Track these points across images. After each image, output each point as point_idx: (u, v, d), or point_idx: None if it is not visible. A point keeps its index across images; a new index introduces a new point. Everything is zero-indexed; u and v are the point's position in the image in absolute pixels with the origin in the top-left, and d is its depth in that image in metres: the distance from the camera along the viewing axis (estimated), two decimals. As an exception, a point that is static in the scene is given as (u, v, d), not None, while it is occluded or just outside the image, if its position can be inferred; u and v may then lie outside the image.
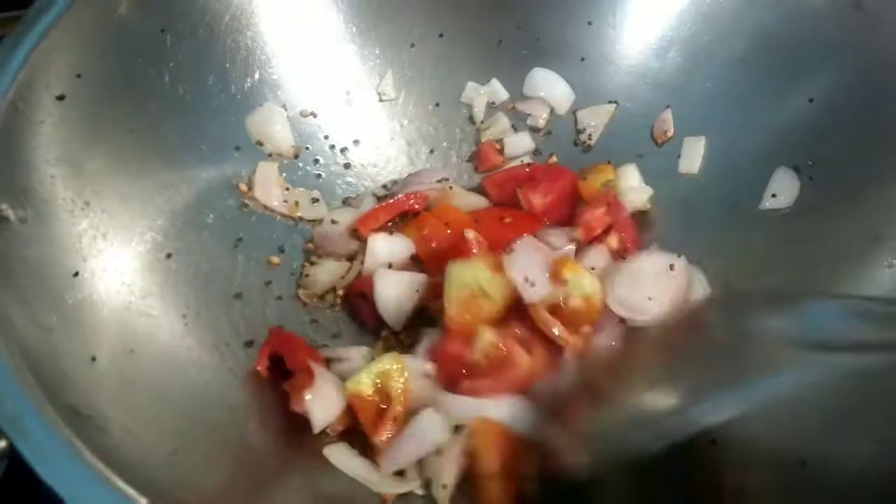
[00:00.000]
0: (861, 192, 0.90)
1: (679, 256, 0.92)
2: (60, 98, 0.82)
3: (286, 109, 1.06)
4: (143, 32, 0.92)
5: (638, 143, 1.08)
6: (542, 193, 1.03)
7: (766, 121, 0.99)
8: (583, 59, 1.11)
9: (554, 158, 1.12)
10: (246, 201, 1.00)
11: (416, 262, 0.99)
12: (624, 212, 1.00)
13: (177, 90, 0.95)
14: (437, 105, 1.14)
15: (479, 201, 1.07)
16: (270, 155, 1.04)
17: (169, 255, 0.89)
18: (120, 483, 0.60)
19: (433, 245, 0.99)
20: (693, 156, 1.04)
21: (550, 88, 1.13)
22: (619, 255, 0.97)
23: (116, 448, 0.65)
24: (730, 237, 0.97)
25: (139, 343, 0.79)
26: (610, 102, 1.11)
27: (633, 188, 1.04)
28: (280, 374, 0.86)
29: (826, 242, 0.90)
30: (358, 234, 1.02)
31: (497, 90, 1.15)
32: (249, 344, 0.89)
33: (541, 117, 1.13)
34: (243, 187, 1.01)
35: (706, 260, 0.96)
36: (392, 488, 0.80)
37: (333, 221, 1.04)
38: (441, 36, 1.13)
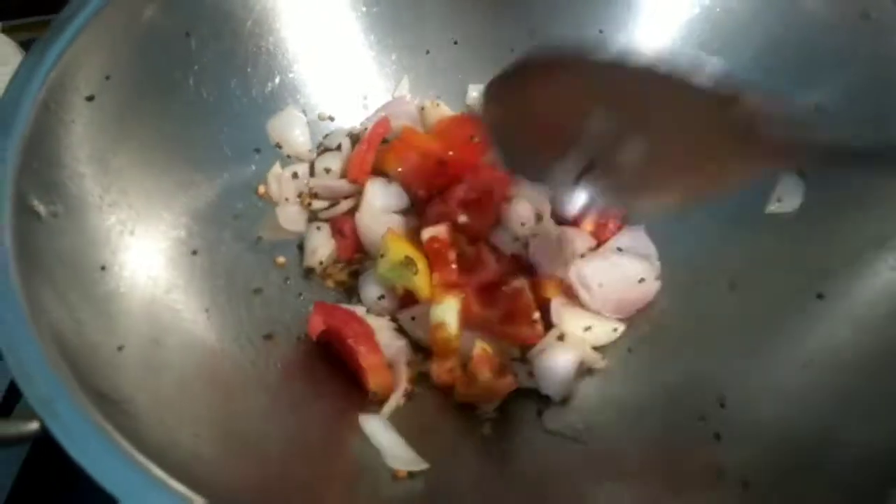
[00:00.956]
0: (865, 196, 0.90)
1: (656, 278, 0.98)
2: (90, 99, 0.85)
3: (305, 114, 1.09)
4: (168, 36, 0.95)
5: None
6: None
7: (772, 126, 1.01)
8: (594, 66, 1.13)
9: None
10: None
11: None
12: None
13: (201, 93, 0.98)
14: (452, 110, 1.17)
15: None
16: (288, 157, 1.07)
17: (194, 252, 0.92)
18: (144, 460, 0.63)
19: (412, 175, 1.04)
20: (701, 161, 1.06)
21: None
22: (600, 231, 1.03)
23: (141, 430, 0.68)
24: (734, 241, 0.98)
25: (164, 334, 0.82)
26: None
27: None
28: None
29: (830, 245, 0.91)
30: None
31: None
32: (269, 337, 0.91)
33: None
34: (262, 189, 1.04)
35: (710, 264, 0.98)
36: (408, 465, 0.82)
37: (327, 170, 1.07)
38: (455, 43, 1.15)
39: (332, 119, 1.11)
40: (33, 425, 0.64)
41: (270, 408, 0.85)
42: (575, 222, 1.03)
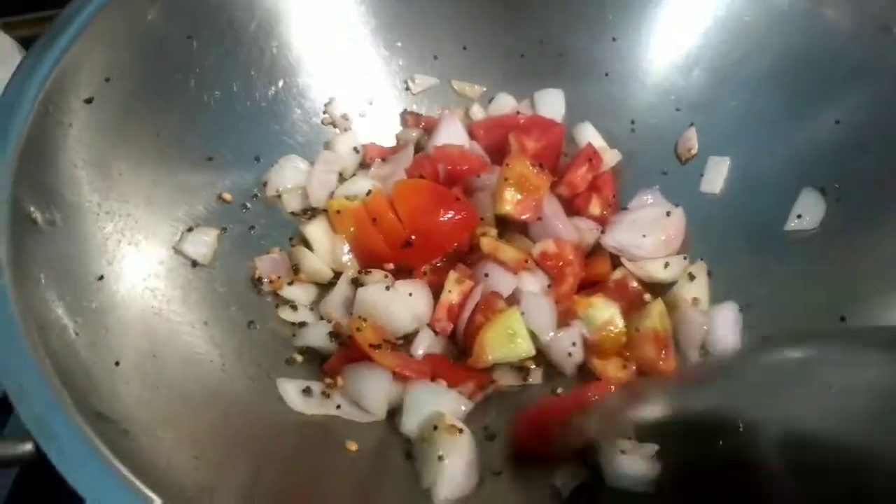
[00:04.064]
0: (888, 214, 0.89)
1: (676, 206, 1.00)
2: (89, 101, 0.83)
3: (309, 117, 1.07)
4: (170, 38, 0.92)
5: (661, 160, 1.08)
6: (535, 139, 1.05)
7: (791, 141, 0.99)
8: (607, 75, 1.11)
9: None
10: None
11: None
12: (603, 166, 1.06)
13: (202, 96, 0.96)
14: (459, 117, 1.14)
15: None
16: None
17: (194, 263, 0.89)
18: (140, 485, 0.60)
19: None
20: (716, 175, 1.03)
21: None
22: (603, 215, 1.03)
23: (140, 452, 0.66)
24: (753, 257, 0.96)
25: (161, 348, 0.79)
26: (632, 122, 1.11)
27: (602, 147, 1.08)
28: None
29: (852, 265, 0.89)
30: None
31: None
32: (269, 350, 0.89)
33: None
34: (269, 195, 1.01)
35: (728, 280, 0.96)
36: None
37: None
38: (465, 49, 1.13)
39: (334, 125, 1.08)
40: (27, 447, 0.61)
41: (276, 428, 0.82)
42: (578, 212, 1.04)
